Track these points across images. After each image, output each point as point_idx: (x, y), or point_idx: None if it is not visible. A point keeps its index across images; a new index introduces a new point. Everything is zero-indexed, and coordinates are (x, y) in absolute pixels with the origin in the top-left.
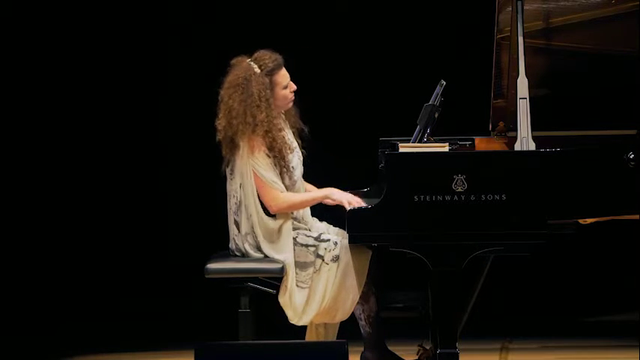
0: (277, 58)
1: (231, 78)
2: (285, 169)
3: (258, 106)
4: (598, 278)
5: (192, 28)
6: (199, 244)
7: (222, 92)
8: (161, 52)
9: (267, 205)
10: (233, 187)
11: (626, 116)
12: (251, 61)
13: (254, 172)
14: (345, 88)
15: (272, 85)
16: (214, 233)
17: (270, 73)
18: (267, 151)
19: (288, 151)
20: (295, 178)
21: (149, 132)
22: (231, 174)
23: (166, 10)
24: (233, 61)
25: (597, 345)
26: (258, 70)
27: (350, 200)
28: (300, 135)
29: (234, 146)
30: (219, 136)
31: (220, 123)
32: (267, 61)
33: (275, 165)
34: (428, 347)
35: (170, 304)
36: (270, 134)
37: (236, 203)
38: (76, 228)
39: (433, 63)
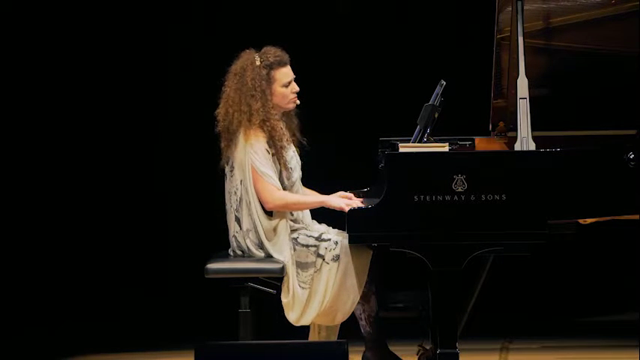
0: (281, 54)
1: (232, 67)
2: (284, 167)
3: (252, 96)
4: (598, 278)
5: (192, 27)
6: (199, 244)
7: (225, 82)
8: (160, 51)
9: (262, 200)
10: (234, 184)
11: (626, 116)
12: (256, 53)
13: (252, 168)
14: (345, 88)
15: (270, 80)
16: (214, 233)
17: (269, 67)
18: (267, 147)
19: (286, 144)
20: (293, 179)
21: (148, 132)
22: (231, 171)
23: (167, 9)
24: (241, 53)
25: (597, 345)
26: (258, 62)
27: (348, 204)
28: (298, 144)
29: (231, 138)
30: (219, 127)
31: (219, 112)
32: (268, 55)
33: (274, 162)
34: (428, 347)
35: (170, 304)
36: (267, 123)
37: (237, 200)
38: (76, 228)
39: (433, 63)
